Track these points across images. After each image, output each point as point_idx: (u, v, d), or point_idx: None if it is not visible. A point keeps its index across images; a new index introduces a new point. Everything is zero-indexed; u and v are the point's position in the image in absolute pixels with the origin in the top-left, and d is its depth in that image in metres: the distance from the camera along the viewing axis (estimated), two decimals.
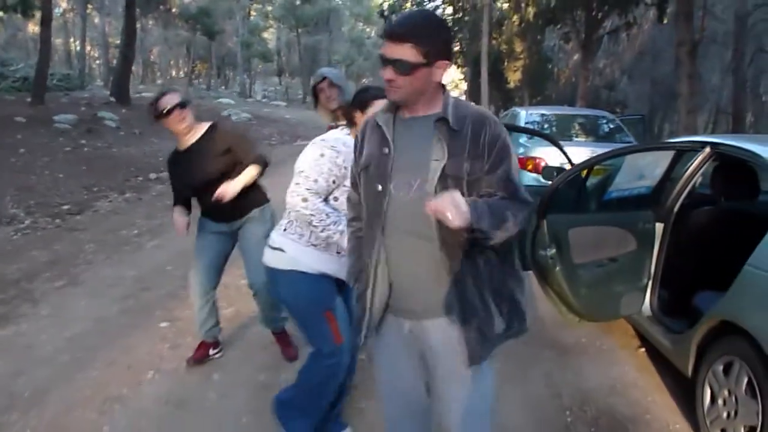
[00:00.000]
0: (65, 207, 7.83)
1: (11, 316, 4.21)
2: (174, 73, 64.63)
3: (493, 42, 25.33)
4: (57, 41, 41.70)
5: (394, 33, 1.76)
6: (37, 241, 6.20)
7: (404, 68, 1.76)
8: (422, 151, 1.79)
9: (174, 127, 3.30)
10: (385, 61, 1.77)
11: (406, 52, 1.74)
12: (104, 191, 9.03)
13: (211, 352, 3.64)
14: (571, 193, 3.79)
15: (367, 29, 49.30)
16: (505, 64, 26.21)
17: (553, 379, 3.70)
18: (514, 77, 26.07)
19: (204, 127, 3.43)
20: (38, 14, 16.38)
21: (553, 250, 3.29)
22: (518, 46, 25.51)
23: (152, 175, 10.56)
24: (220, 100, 29.75)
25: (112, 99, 19.21)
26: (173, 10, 26.76)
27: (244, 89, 39.69)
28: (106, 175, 9.95)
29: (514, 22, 24.58)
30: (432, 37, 1.77)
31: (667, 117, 28.51)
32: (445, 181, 1.77)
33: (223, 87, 47.77)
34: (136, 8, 19.55)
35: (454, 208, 1.61)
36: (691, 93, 11.76)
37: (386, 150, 1.84)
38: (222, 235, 3.50)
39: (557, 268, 3.32)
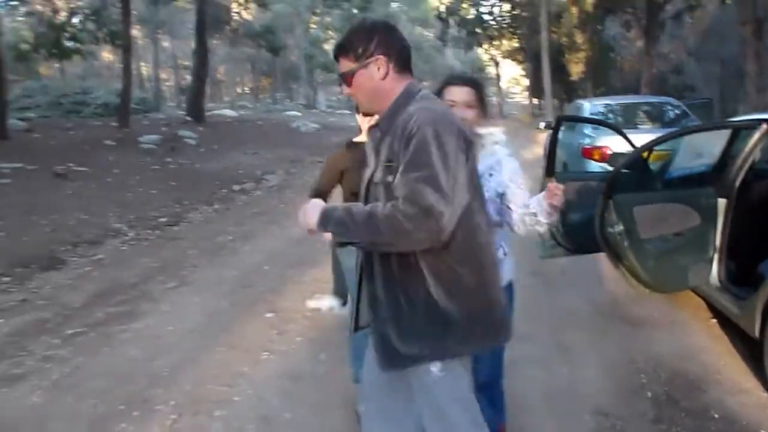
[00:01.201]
0: (162, 219, 8.53)
1: (137, 313, 4.81)
2: (239, 89, 66.74)
3: (553, 35, 25.27)
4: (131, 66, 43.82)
5: (333, 55, 1.93)
6: (144, 250, 6.86)
7: (345, 79, 1.89)
8: None
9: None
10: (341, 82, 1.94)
11: (343, 65, 1.88)
12: (193, 204, 9.72)
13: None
14: (635, 175, 4.06)
15: (425, 32, 49.60)
16: (566, 56, 26.10)
17: (627, 347, 4.01)
18: (576, 69, 25.92)
19: None
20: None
21: (621, 227, 3.60)
22: (579, 38, 25.36)
23: (235, 187, 11.25)
24: (287, 112, 30.75)
25: (188, 118, 20.24)
26: (239, 29, 27.90)
27: (309, 100, 40.73)
28: (193, 189, 10.67)
29: (572, 13, 24.47)
30: (358, 41, 1.86)
31: (740, 98, 27.71)
32: (374, 188, 1.85)
33: (288, 100, 49.08)
34: (206, 31, 20.55)
35: (301, 215, 1.79)
36: (759, 72, 11.62)
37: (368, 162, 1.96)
38: None
39: (625, 244, 3.63)
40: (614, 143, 7.00)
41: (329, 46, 53.24)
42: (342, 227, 1.73)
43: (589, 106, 8.57)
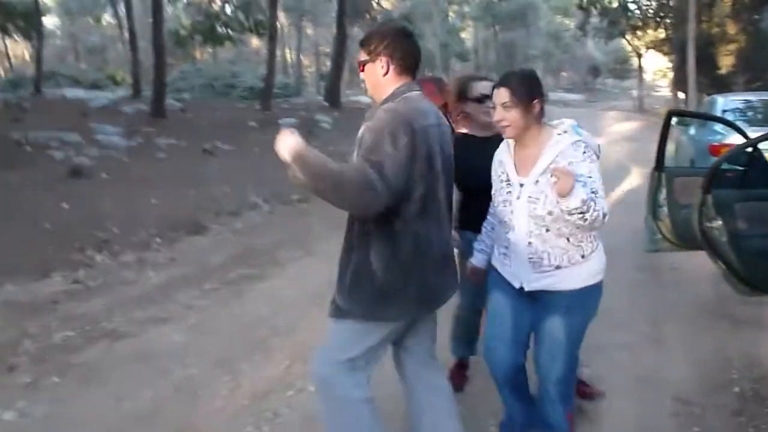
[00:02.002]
0: (294, 196, 9.23)
1: (265, 275, 5.42)
2: None
3: (702, 26, 23.82)
4: (276, 52, 46.17)
5: (359, 42, 2.36)
6: (276, 223, 7.54)
7: (360, 66, 2.31)
8: None
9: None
10: None
11: (361, 54, 2.29)
12: None
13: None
14: (738, 171, 4.05)
15: (566, 21, 48.23)
16: (716, 48, 24.47)
17: (724, 344, 4.02)
18: (726, 62, 24.24)
19: None
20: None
21: (719, 222, 3.65)
22: (731, 29, 23.70)
23: None
24: None
25: (325, 103, 21.24)
26: (378, 18, 28.67)
27: None
28: None
29: (725, 2, 22.92)
30: (373, 39, 2.25)
31: None
32: None
33: None
34: (345, 19, 21.42)
35: (280, 141, 1.94)
36: None
37: None
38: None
39: (724, 239, 3.67)
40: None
41: (466, 35, 53.26)
42: (309, 165, 1.93)
43: (722, 102, 8.22)
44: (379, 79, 2.26)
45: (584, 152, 2.32)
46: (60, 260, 5.92)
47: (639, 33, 31.59)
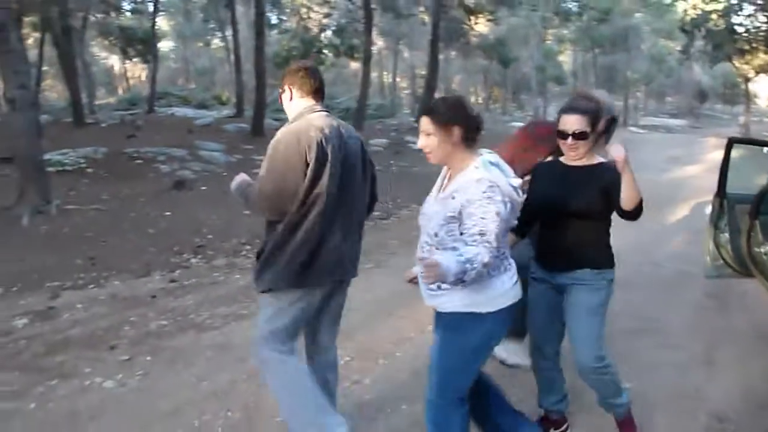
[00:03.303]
0: (376, 213, 9.68)
1: None
2: (473, 99, 68.44)
3: None
4: (372, 74, 47.46)
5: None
6: None
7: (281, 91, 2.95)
8: None
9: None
10: None
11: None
12: (405, 202, 10.79)
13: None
14: None
15: (670, 44, 46.74)
16: None
17: None
18: None
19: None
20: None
21: None
22: None
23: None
24: (514, 123, 31.23)
25: (416, 125, 21.75)
26: (471, 42, 29.06)
27: (537, 112, 40.75)
28: (408, 189, 11.76)
29: None
30: (290, 72, 2.88)
31: None
32: None
33: (518, 111, 49.43)
34: (439, 43, 21.91)
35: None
36: None
37: None
38: (549, 287, 2.99)
39: None
40: None
41: (564, 58, 52.62)
42: (242, 193, 2.82)
43: None
44: (289, 104, 2.87)
45: (484, 192, 2.28)
46: (160, 261, 6.62)
47: (747, 56, 30.31)
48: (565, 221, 2.85)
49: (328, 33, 20.50)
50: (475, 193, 2.29)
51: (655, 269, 6.59)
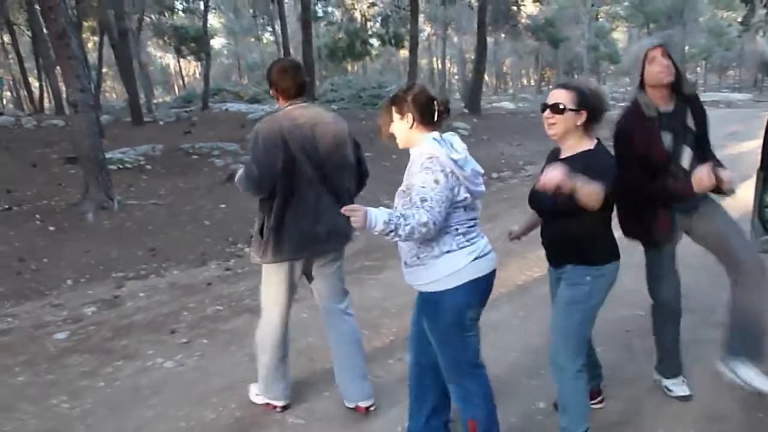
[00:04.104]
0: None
1: (384, 267, 6.05)
2: (525, 81, 67.51)
3: None
4: (422, 61, 47.36)
5: None
6: None
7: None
8: None
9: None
10: None
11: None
12: None
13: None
14: None
15: (731, 15, 45.05)
16: None
17: None
18: None
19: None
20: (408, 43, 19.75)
21: None
22: None
23: (494, 174, 12.19)
24: None
25: (465, 110, 21.71)
26: (521, 23, 28.72)
27: None
28: None
29: None
30: (268, 75, 3.32)
31: None
32: None
33: None
34: (486, 27, 21.79)
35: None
36: None
37: None
38: (555, 278, 2.98)
39: None
40: None
41: (618, 35, 51.37)
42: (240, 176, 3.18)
43: None
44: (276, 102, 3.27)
45: (423, 163, 2.46)
46: (215, 251, 6.95)
47: None
48: (548, 216, 2.84)
49: (374, 23, 20.63)
50: (416, 166, 2.50)
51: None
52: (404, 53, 45.40)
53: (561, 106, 2.65)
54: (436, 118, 2.59)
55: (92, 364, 4.14)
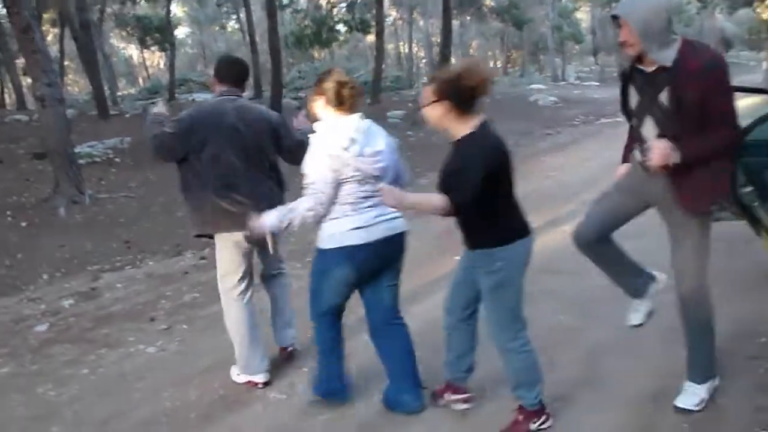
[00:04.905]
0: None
1: None
2: (492, 63, 67.73)
3: None
4: (389, 46, 47.33)
5: None
6: None
7: None
8: None
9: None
10: None
11: None
12: (423, 171, 11.06)
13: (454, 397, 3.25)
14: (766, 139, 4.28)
15: None
16: None
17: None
18: None
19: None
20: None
21: (750, 188, 3.98)
22: None
23: None
24: (532, 86, 31.05)
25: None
26: (485, 6, 28.86)
27: (556, 73, 40.42)
28: (426, 159, 12.00)
29: None
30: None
31: None
32: None
33: (537, 73, 48.95)
34: (451, 11, 21.90)
35: None
36: None
37: None
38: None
39: (756, 204, 4.00)
40: None
41: (582, 15, 51.82)
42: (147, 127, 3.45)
43: None
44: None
45: (312, 149, 2.90)
46: (190, 241, 6.99)
47: (767, 2, 29.66)
48: None
49: (340, 9, 20.66)
50: (309, 153, 2.91)
51: None
52: (371, 39, 45.35)
53: (425, 102, 2.72)
54: (345, 101, 2.90)
55: (75, 353, 4.24)
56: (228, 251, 3.53)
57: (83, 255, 6.64)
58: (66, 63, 29.96)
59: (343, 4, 20.24)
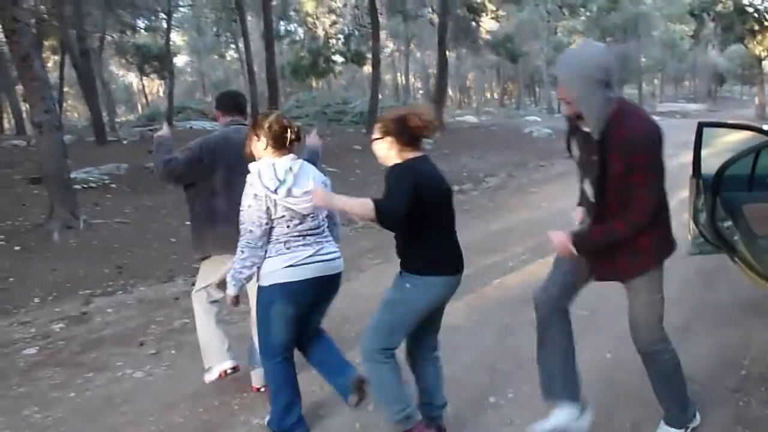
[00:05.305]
0: None
1: (348, 278, 6.23)
2: (488, 95, 68.47)
3: None
4: (386, 77, 47.92)
5: None
6: (364, 236, 8.41)
7: None
8: None
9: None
10: None
11: None
12: None
13: None
14: (744, 174, 4.41)
15: (685, 29, 46.50)
16: None
17: (748, 337, 4.37)
18: None
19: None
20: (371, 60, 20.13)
21: (729, 222, 4.09)
22: None
23: (455, 187, 12.38)
24: (527, 118, 31.42)
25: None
26: (481, 39, 29.33)
27: (551, 105, 40.88)
28: None
29: None
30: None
31: None
32: None
33: (533, 105, 49.50)
34: (447, 43, 22.28)
35: None
36: None
37: None
38: None
39: (735, 238, 4.10)
40: None
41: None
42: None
43: None
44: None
45: (245, 188, 3.07)
46: (182, 267, 7.09)
47: (758, 37, 30.21)
48: None
49: (337, 41, 20.99)
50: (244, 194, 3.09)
51: None
52: (368, 69, 45.91)
53: (372, 138, 2.99)
54: (287, 144, 3.10)
55: (63, 376, 4.28)
56: (214, 268, 3.76)
57: (76, 279, 6.69)
58: (66, 89, 30.22)
59: (340, 36, 20.58)
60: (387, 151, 2.91)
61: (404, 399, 3.01)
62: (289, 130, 3.08)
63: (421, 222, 2.83)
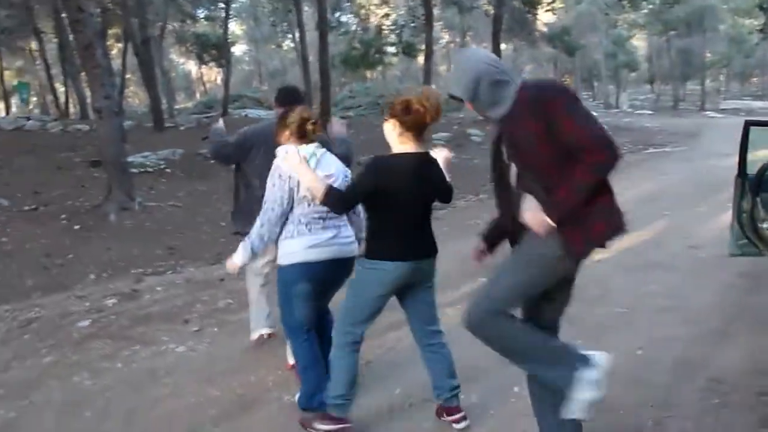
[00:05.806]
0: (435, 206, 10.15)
1: None
2: None
3: None
4: (441, 68, 47.74)
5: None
6: None
7: None
8: None
9: None
10: None
11: None
12: (462, 193, 11.17)
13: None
14: None
15: (754, 23, 44.75)
16: None
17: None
18: None
19: None
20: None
21: None
22: None
23: None
24: None
25: (480, 118, 21.98)
26: (537, 32, 28.90)
27: (608, 100, 40.10)
28: (467, 181, 12.09)
29: None
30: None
31: None
32: None
33: (591, 99, 48.50)
34: (500, 36, 22.11)
35: None
36: None
37: None
38: None
39: None
40: None
41: (638, 42, 51.21)
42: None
43: None
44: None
45: (271, 171, 3.25)
46: (230, 251, 7.24)
47: None
48: None
49: (389, 32, 21.07)
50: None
51: (695, 251, 6.79)
52: (422, 60, 45.75)
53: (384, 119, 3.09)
54: (308, 134, 3.28)
55: (112, 348, 4.54)
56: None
57: (129, 258, 7.01)
58: (128, 76, 31.20)
59: (393, 27, 20.66)
60: (390, 133, 3.00)
61: (347, 389, 3.13)
62: (309, 122, 3.27)
63: (386, 213, 3.00)
